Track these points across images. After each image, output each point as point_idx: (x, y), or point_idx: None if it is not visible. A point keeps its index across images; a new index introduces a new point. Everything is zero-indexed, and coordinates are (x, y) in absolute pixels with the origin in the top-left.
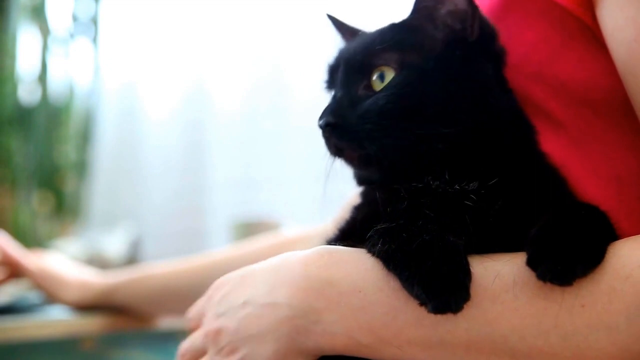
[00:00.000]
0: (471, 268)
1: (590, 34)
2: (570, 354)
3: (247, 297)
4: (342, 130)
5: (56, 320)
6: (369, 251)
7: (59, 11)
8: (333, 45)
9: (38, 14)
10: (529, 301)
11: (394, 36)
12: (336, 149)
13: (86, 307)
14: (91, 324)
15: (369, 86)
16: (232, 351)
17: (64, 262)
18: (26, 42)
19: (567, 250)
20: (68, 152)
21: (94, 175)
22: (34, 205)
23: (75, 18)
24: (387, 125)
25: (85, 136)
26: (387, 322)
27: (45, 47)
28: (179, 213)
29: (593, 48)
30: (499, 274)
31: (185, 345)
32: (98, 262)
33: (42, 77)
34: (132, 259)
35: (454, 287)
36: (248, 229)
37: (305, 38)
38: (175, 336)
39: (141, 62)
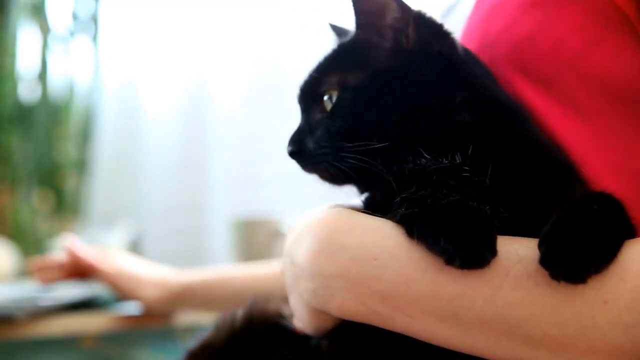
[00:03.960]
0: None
1: (629, 27)
2: (584, 346)
3: (288, 248)
4: (304, 157)
5: (56, 318)
6: (391, 217)
7: (59, 9)
8: (332, 39)
9: (38, 12)
10: (550, 290)
11: (337, 57)
12: (309, 171)
13: (163, 305)
14: (91, 323)
15: (324, 109)
16: (289, 293)
17: (135, 261)
18: (26, 40)
19: (579, 249)
20: (68, 150)
21: (94, 174)
22: (34, 203)
23: (75, 16)
24: (340, 146)
25: (86, 134)
26: (401, 292)
27: (45, 46)
28: (179, 211)
29: (631, 42)
30: (522, 259)
31: None
32: None
33: (42, 76)
34: None
35: (482, 240)
36: (248, 227)
37: (306, 38)
38: (174, 334)
39: (141, 60)
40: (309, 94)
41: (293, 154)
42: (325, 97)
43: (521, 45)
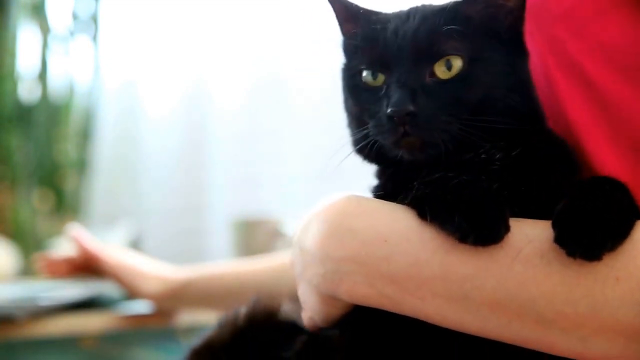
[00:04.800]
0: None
1: (636, 2)
2: (596, 324)
3: (297, 236)
4: (420, 120)
5: (56, 318)
6: (402, 200)
7: (59, 9)
8: (332, 40)
9: (38, 11)
10: (561, 269)
11: (460, 22)
12: (400, 136)
13: (163, 300)
14: (91, 323)
15: (433, 73)
16: (298, 284)
17: (137, 256)
18: (26, 40)
19: (595, 226)
20: (68, 150)
21: (94, 174)
22: (34, 203)
23: (75, 16)
24: (463, 118)
25: (86, 134)
26: (411, 274)
27: (45, 45)
28: (179, 211)
29: (638, 15)
30: (534, 239)
31: None
32: None
33: (42, 75)
34: None
35: (496, 215)
36: (248, 227)
37: (305, 38)
38: (175, 334)
39: (141, 60)
40: (423, 52)
41: (410, 114)
42: (443, 62)
43: (532, 8)
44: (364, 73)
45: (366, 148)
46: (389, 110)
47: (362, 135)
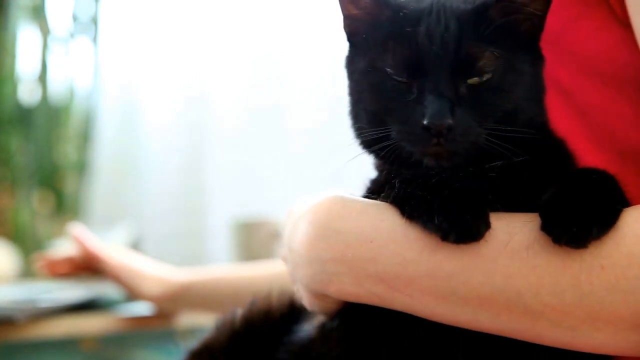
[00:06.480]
0: (491, 223)
1: (606, 7)
2: (583, 314)
3: (286, 235)
4: (456, 133)
5: (57, 320)
6: (385, 198)
7: (59, 11)
8: (334, 41)
9: (38, 13)
10: (548, 259)
11: (495, 31)
12: (432, 146)
13: (163, 302)
14: (91, 324)
15: (465, 81)
16: (292, 282)
17: (138, 258)
18: (26, 41)
19: (581, 213)
20: (68, 152)
21: (94, 175)
22: (34, 205)
23: (75, 18)
24: (489, 128)
25: (86, 136)
26: (398, 273)
27: (45, 47)
28: (179, 213)
29: (608, 20)
30: (519, 231)
31: None
32: None
33: (42, 77)
34: None
35: (476, 214)
36: (248, 229)
37: (305, 39)
38: (175, 336)
39: (142, 61)
40: (460, 60)
41: (450, 129)
42: (475, 70)
43: None
44: (388, 71)
45: (383, 150)
46: (426, 122)
47: (380, 137)
